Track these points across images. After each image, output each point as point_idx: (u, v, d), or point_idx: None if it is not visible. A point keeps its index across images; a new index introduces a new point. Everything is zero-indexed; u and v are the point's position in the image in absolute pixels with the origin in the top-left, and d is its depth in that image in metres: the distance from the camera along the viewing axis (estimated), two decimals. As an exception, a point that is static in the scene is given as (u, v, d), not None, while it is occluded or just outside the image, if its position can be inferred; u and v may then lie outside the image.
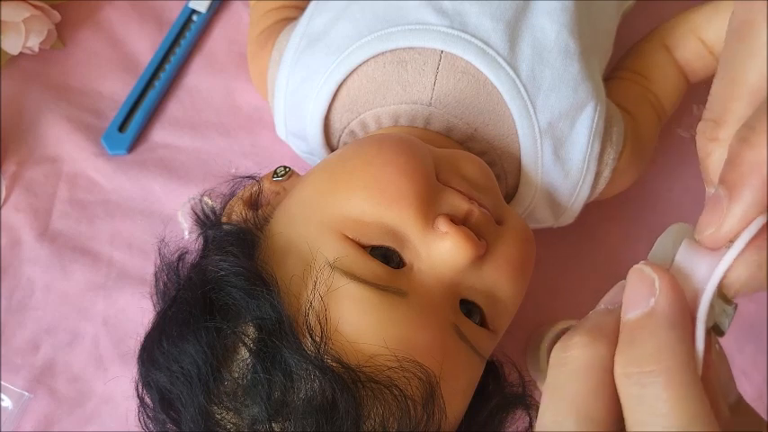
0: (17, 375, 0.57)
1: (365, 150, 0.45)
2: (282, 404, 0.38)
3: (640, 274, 0.28)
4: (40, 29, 0.61)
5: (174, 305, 0.43)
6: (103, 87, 0.64)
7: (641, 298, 0.28)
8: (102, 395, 0.57)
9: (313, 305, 0.39)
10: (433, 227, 0.41)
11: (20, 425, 0.56)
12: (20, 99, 0.63)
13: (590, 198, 0.53)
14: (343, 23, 0.50)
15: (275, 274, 0.40)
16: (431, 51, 0.49)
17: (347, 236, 0.41)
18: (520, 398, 0.46)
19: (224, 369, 0.39)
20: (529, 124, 0.49)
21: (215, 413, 0.40)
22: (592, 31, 0.52)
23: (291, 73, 0.52)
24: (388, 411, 0.38)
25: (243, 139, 0.63)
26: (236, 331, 0.39)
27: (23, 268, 0.59)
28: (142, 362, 0.43)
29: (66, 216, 0.61)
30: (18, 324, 0.58)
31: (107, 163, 0.62)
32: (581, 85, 0.49)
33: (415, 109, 0.49)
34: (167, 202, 0.61)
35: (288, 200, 0.46)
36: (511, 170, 0.51)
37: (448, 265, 0.41)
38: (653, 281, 0.28)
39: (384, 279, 0.40)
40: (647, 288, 0.28)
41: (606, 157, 0.51)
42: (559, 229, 0.56)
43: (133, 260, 0.59)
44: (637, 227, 0.61)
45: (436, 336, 0.40)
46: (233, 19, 0.67)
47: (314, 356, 0.38)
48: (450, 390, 0.40)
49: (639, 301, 0.28)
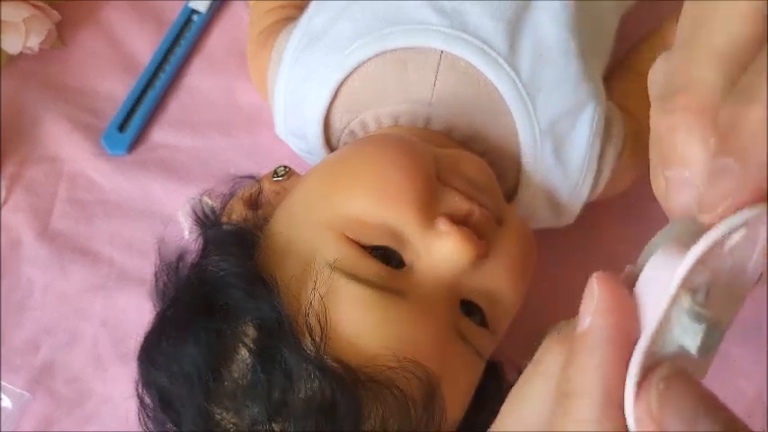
0: (17, 375, 0.57)
1: (365, 150, 0.45)
2: (282, 404, 0.38)
3: (588, 287, 0.26)
4: (40, 29, 0.61)
5: (173, 305, 0.43)
6: (103, 87, 0.64)
7: (583, 315, 0.25)
8: (101, 395, 0.57)
9: (313, 305, 0.39)
10: (434, 227, 0.41)
11: (19, 425, 0.56)
12: (20, 99, 0.63)
13: (590, 198, 0.53)
14: (343, 23, 0.50)
15: (275, 274, 0.40)
16: (431, 51, 0.48)
17: (347, 236, 0.41)
18: (520, 398, 0.46)
19: (224, 369, 0.39)
20: (529, 124, 0.49)
21: (215, 413, 0.40)
22: (592, 31, 0.52)
23: (291, 72, 0.52)
24: (388, 411, 0.38)
25: (243, 138, 0.63)
26: (235, 331, 0.39)
27: (23, 268, 0.59)
28: (142, 362, 0.43)
29: (65, 216, 0.61)
30: (17, 324, 0.58)
31: (107, 163, 0.62)
32: (581, 85, 0.49)
33: (415, 109, 0.49)
34: (167, 202, 0.61)
35: (288, 200, 0.46)
36: (511, 170, 0.51)
37: (448, 265, 0.41)
38: (594, 297, 0.25)
39: (384, 279, 0.40)
40: (589, 304, 0.25)
41: (606, 157, 0.51)
42: (559, 229, 0.55)
43: (133, 260, 0.59)
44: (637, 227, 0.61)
45: (436, 336, 0.40)
46: (233, 19, 0.67)
47: (314, 356, 0.38)
48: (451, 390, 0.40)
49: (582, 318, 0.25)
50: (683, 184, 0.25)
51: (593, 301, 0.25)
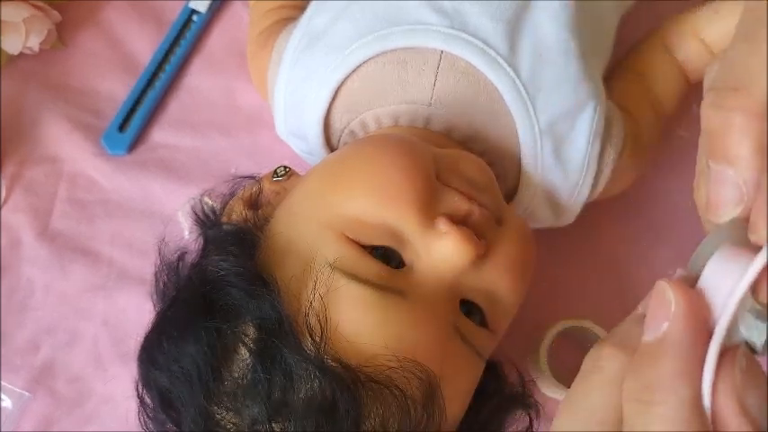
0: (17, 375, 0.57)
1: (365, 150, 0.45)
2: (282, 404, 0.38)
3: (661, 294, 0.26)
4: (40, 29, 0.61)
5: (173, 305, 0.43)
6: (103, 87, 0.64)
7: (656, 321, 0.26)
8: (101, 395, 0.57)
9: (313, 305, 0.39)
10: (434, 227, 0.41)
11: (19, 425, 0.56)
12: (20, 99, 0.63)
13: (590, 198, 0.53)
14: (343, 23, 0.50)
15: (275, 274, 0.40)
16: (431, 51, 0.48)
17: (347, 236, 0.41)
18: (520, 398, 0.46)
19: (224, 369, 0.39)
20: (529, 124, 0.49)
21: (215, 413, 0.40)
22: (592, 31, 0.52)
23: (291, 73, 0.52)
24: (388, 411, 0.38)
25: (243, 138, 0.63)
26: (235, 331, 0.39)
27: (23, 268, 0.59)
28: (142, 362, 0.43)
29: (66, 216, 0.61)
30: (18, 324, 0.58)
31: (107, 163, 0.62)
32: (581, 84, 0.49)
33: (415, 109, 0.49)
34: (167, 202, 0.61)
35: (288, 200, 0.46)
36: (511, 170, 0.51)
37: (448, 265, 0.41)
38: (669, 303, 0.26)
39: (384, 279, 0.40)
40: (664, 310, 0.26)
41: (606, 157, 0.51)
42: (559, 229, 0.56)
43: (133, 260, 0.59)
44: (637, 227, 0.61)
45: (436, 336, 0.40)
46: (233, 19, 0.67)
47: (314, 356, 0.38)
48: (450, 390, 0.40)
49: (655, 325, 0.26)
50: (726, 181, 0.25)
51: (668, 307, 0.26)
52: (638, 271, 0.59)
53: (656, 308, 0.26)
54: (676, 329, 0.25)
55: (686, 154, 0.62)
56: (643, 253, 0.60)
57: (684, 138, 0.62)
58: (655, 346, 0.26)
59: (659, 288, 0.26)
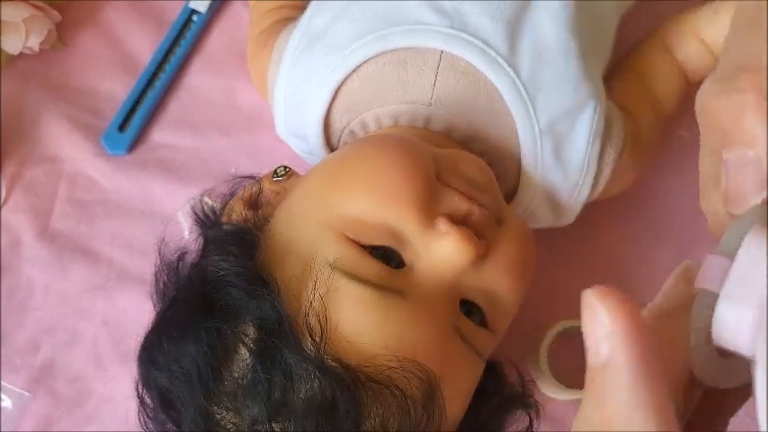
0: (17, 375, 0.57)
1: (365, 150, 0.45)
2: (282, 404, 0.38)
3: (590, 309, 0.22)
4: (40, 29, 0.61)
5: (173, 305, 0.43)
6: (103, 87, 0.64)
7: (594, 342, 0.22)
8: (101, 395, 0.57)
9: (313, 305, 0.39)
10: (434, 227, 0.41)
11: (19, 425, 0.56)
12: (20, 99, 0.63)
13: (590, 198, 0.53)
14: (343, 23, 0.50)
15: (275, 274, 0.40)
16: (431, 51, 0.48)
17: (347, 236, 0.41)
18: (520, 398, 0.46)
19: (224, 369, 0.40)
20: (529, 124, 0.49)
21: (215, 413, 0.40)
22: (592, 31, 0.52)
23: (291, 73, 0.52)
24: (388, 411, 0.38)
25: (243, 139, 0.63)
26: (235, 331, 0.39)
27: (23, 268, 0.59)
28: (142, 362, 0.43)
29: (65, 216, 0.61)
30: (18, 324, 0.58)
31: (107, 163, 0.62)
32: (581, 84, 0.49)
33: (415, 109, 0.49)
34: (167, 202, 0.61)
35: (288, 200, 0.46)
36: (511, 170, 0.51)
37: (448, 265, 0.41)
38: (605, 320, 0.21)
39: (384, 279, 0.40)
40: (601, 328, 0.21)
41: (606, 157, 0.51)
42: (559, 229, 0.56)
43: (133, 260, 0.59)
44: (637, 227, 0.61)
45: (436, 336, 0.40)
46: (233, 19, 0.67)
47: (314, 356, 0.38)
48: (450, 390, 0.40)
49: (593, 346, 0.22)
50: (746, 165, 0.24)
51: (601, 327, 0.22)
52: (638, 271, 0.59)
53: (589, 324, 0.22)
54: (624, 353, 0.21)
55: (686, 154, 0.62)
56: (643, 253, 0.60)
57: (684, 138, 0.62)
58: (598, 374, 0.22)
59: (585, 299, 0.22)
